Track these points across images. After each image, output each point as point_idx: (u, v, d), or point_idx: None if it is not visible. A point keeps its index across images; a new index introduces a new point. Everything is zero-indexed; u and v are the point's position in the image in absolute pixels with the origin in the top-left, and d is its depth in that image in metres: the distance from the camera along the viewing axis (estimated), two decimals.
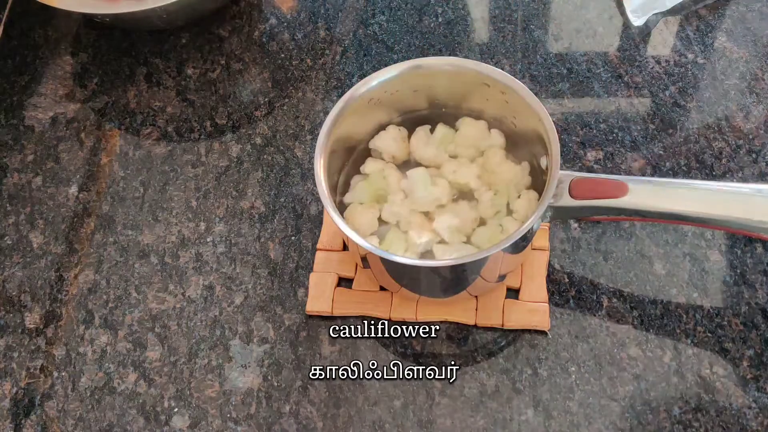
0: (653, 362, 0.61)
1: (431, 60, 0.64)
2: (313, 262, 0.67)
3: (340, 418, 0.61)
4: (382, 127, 0.66)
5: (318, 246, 0.68)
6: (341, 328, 0.64)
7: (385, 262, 0.57)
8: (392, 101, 0.65)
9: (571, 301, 0.64)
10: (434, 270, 0.58)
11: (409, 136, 0.66)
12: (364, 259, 0.61)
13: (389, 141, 0.65)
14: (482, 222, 0.63)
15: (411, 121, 0.67)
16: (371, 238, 0.62)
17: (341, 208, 0.64)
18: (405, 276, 0.62)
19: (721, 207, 0.57)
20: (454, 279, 0.61)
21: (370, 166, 0.65)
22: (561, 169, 0.57)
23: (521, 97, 0.60)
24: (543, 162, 0.62)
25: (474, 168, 0.64)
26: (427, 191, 0.63)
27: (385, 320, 0.64)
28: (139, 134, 0.77)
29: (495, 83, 0.61)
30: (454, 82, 0.64)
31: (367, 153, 0.67)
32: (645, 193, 0.57)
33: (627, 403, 0.60)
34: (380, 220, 0.64)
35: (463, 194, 0.65)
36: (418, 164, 0.66)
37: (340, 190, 0.65)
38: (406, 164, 0.66)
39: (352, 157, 0.66)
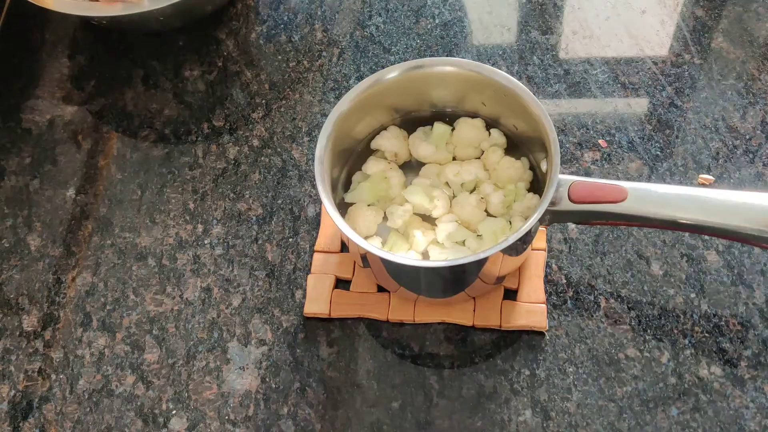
0: (651, 363, 0.61)
1: (432, 60, 0.64)
2: (310, 264, 0.67)
3: (338, 419, 0.61)
4: (383, 128, 0.66)
5: (315, 248, 0.68)
6: (339, 329, 0.65)
7: (385, 262, 0.57)
8: (393, 102, 0.65)
9: (569, 302, 0.64)
10: (433, 270, 0.58)
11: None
12: (363, 258, 0.61)
13: (391, 140, 0.65)
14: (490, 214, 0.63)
15: (411, 123, 0.67)
16: (373, 239, 0.62)
17: (342, 207, 0.64)
18: (404, 276, 0.62)
19: (719, 215, 0.57)
20: (453, 280, 0.61)
21: (372, 166, 0.65)
22: (560, 173, 0.57)
23: (522, 99, 0.60)
24: (543, 165, 0.62)
25: (477, 163, 0.64)
26: (427, 205, 0.63)
27: (383, 322, 0.65)
28: (136, 136, 0.77)
29: (496, 85, 0.61)
30: (454, 84, 0.64)
31: (367, 152, 0.67)
32: (644, 199, 0.57)
33: (625, 404, 0.60)
34: (384, 220, 0.64)
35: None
36: (419, 164, 0.66)
37: (341, 188, 0.65)
38: (407, 165, 0.66)
39: (352, 156, 0.66)
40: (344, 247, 0.68)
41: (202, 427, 0.61)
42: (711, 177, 0.70)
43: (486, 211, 0.63)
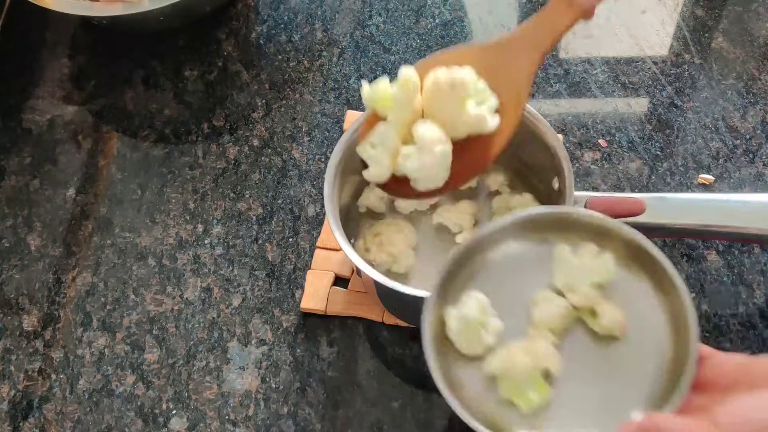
0: None
1: None
2: (311, 263, 0.67)
3: (338, 419, 0.61)
4: None
5: (317, 244, 0.68)
6: (339, 329, 0.65)
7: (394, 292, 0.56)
8: None
9: None
10: None
11: None
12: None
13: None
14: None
15: None
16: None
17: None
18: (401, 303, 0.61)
19: (740, 219, 0.57)
20: None
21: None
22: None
23: (526, 117, 0.58)
24: (554, 184, 0.59)
25: (473, 205, 0.64)
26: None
27: (379, 323, 0.65)
28: (136, 136, 0.77)
29: None
30: None
31: None
32: (663, 209, 0.57)
33: None
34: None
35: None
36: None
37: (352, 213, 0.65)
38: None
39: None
40: None
41: (202, 427, 0.61)
42: (711, 177, 0.70)
43: None
